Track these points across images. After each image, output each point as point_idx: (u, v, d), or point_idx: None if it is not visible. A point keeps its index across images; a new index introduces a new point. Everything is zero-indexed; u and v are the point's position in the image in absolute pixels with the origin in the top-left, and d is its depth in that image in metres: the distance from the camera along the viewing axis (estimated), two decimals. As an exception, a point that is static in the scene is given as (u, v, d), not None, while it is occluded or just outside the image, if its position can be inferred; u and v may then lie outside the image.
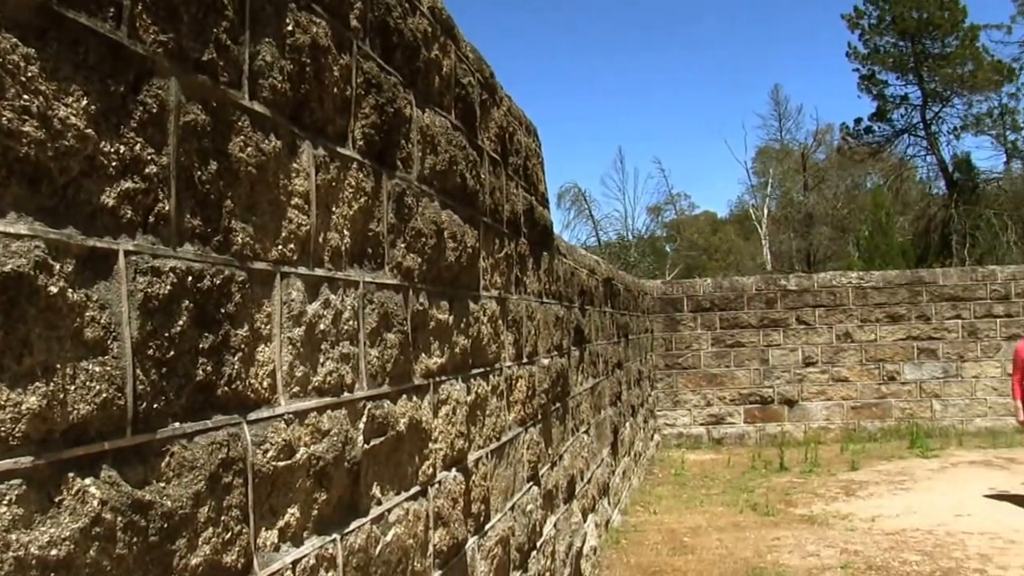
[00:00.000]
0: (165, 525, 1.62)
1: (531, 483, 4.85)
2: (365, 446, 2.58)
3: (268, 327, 2.06)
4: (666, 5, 78.23)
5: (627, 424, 10.37)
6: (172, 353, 1.67)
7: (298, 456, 2.17)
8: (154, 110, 1.63)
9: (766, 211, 43.78)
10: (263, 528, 2.00)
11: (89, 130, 1.46)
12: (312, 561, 2.21)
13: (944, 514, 9.06)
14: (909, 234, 36.70)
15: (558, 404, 5.89)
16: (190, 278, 1.74)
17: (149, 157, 1.62)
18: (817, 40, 75.88)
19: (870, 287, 15.63)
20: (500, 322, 4.26)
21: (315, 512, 2.25)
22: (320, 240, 2.36)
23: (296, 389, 2.19)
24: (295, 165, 2.22)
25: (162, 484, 1.63)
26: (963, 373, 15.43)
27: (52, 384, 1.37)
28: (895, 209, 35.73)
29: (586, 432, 7.26)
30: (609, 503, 8.42)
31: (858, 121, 41.01)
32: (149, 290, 1.60)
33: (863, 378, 15.49)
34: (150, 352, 1.60)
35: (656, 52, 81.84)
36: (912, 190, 42.13)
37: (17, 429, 1.29)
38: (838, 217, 41.23)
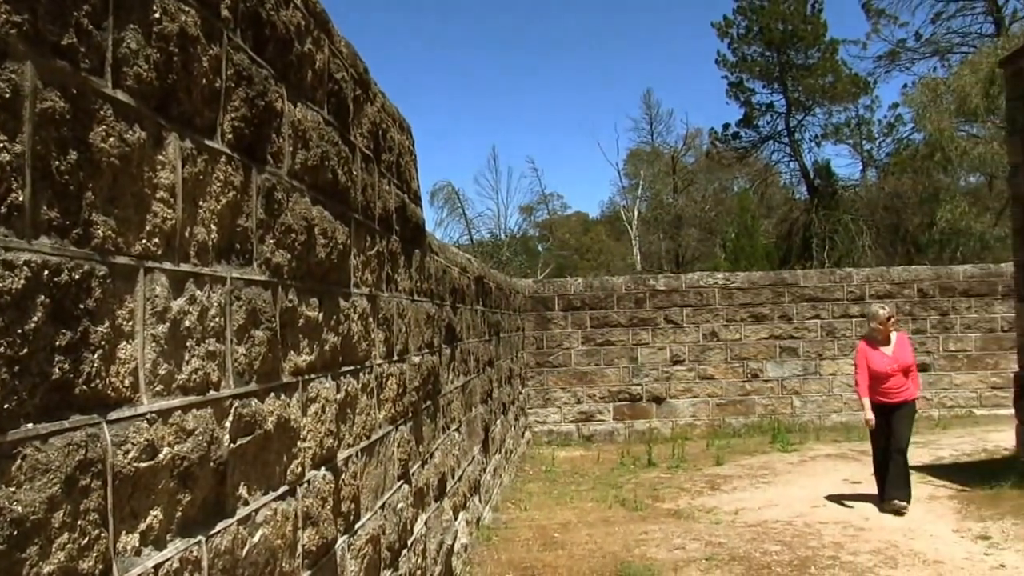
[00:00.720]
0: (15, 532, 1.55)
1: (402, 481, 4.83)
2: (232, 445, 2.53)
3: (130, 324, 1.99)
4: (541, 5, 78.99)
5: (498, 422, 10.43)
6: (26, 351, 1.60)
7: (161, 456, 2.10)
8: (7, 95, 1.56)
9: (636, 212, 44.67)
10: (123, 532, 1.93)
11: (-64, 115, 1.38)
12: (176, 565, 2.15)
13: (802, 505, 9.43)
14: (773, 237, 38.06)
15: (429, 402, 5.88)
16: (46, 272, 1.67)
17: (1, 145, 1.54)
18: (688, 47, 77.88)
19: (735, 288, 16.13)
20: (371, 320, 4.23)
21: (179, 514, 2.19)
22: (186, 235, 2.29)
23: (160, 388, 2.12)
24: (161, 157, 2.15)
25: (12, 488, 1.55)
26: (821, 371, 16.09)
27: None
28: (760, 212, 37.04)
29: (457, 430, 7.27)
30: (480, 500, 8.45)
31: (726, 127, 42.41)
32: (1, 285, 1.53)
33: (728, 376, 15.98)
34: (1, 350, 1.53)
35: (531, 52, 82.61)
36: (776, 194, 43.74)
37: None
38: (706, 219, 42.44)
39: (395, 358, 4.77)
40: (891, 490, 8.98)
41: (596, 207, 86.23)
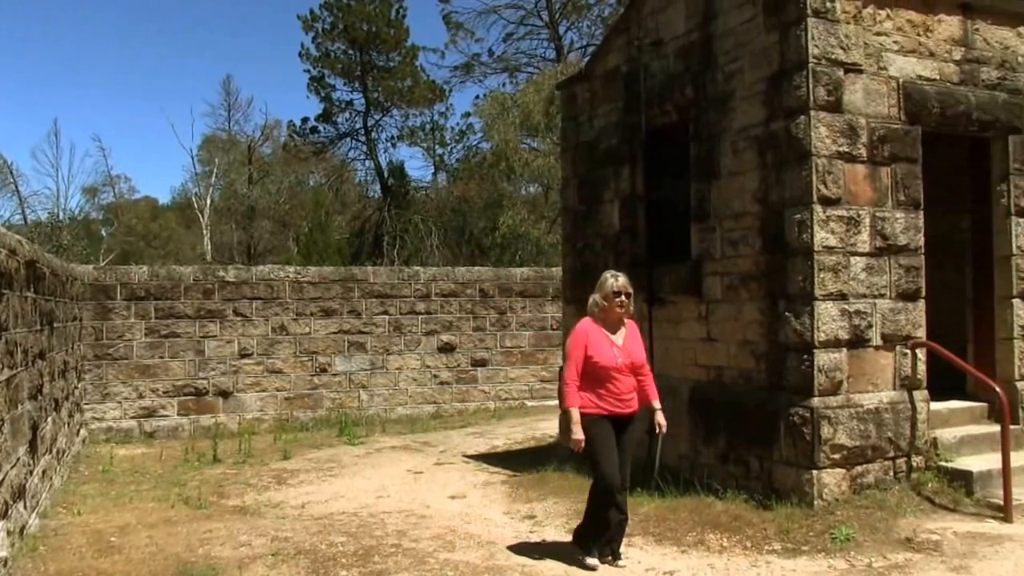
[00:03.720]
0: None
1: (-69, 490, 4.27)
2: None
3: None
4: (110, -25, 73.81)
5: (49, 419, 9.60)
6: None
7: None
8: None
9: (209, 201, 43.28)
10: None
11: None
12: None
13: (368, 496, 9.67)
14: (346, 233, 38.59)
15: (-32, 400, 5.27)
16: None
17: None
18: (273, 36, 76.69)
19: (306, 282, 16.21)
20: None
21: None
22: None
23: None
24: None
25: None
26: (388, 365, 16.67)
27: None
28: (334, 208, 37.42)
29: None
30: (26, 507, 7.71)
31: (305, 120, 42.37)
32: None
33: (297, 370, 16.01)
34: None
35: (99, 21, 76.96)
36: (351, 191, 44.45)
37: None
38: (280, 212, 42.09)
39: (-74, 351, 4.21)
40: (616, 544, 6.81)
41: (167, 193, 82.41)
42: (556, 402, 12.74)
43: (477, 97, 42.51)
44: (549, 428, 13.61)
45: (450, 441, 13.65)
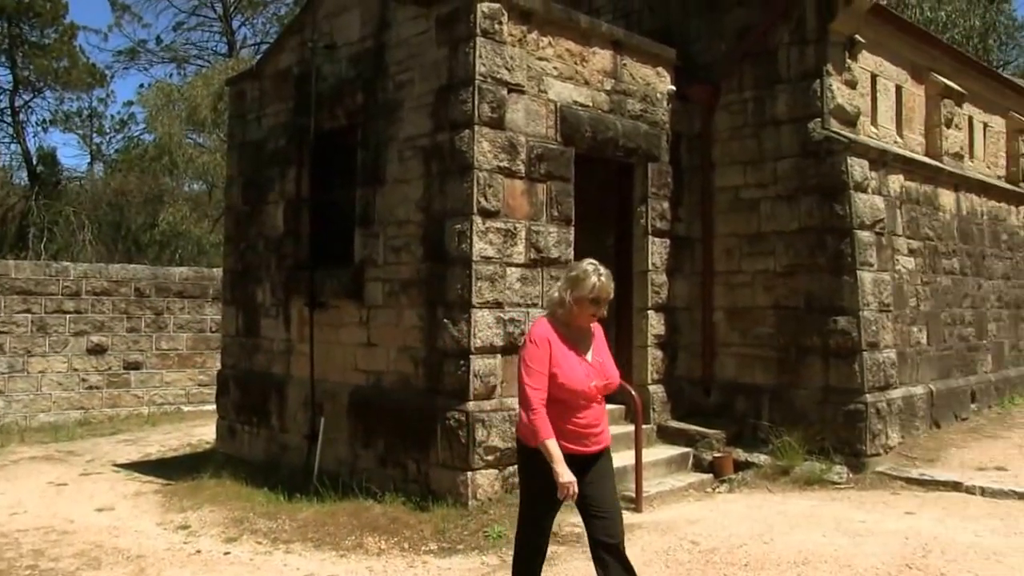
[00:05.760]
0: None
1: None
2: None
3: None
4: None
5: None
6: None
7: None
8: None
9: None
10: None
11: None
12: None
13: (1, 514, 8.85)
14: (-15, 223, 35.23)
15: None
16: None
17: None
18: None
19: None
20: None
21: None
22: None
23: None
24: None
25: None
26: (29, 368, 15.44)
27: None
28: (-29, 195, 34.11)
29: None
30: None
31: (-63, 93, 38.09)
32: None
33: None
34: None
35: None
36: (-3, 176, 40.60)
37: None
38: (-98, 196, 37.66)
39: None
40: None
41: None
42: (214, 407, 12.40)
43: (141, 86, 40.52)
44: (206, 434, 13.18)
45: (99, 449, 12.81)
